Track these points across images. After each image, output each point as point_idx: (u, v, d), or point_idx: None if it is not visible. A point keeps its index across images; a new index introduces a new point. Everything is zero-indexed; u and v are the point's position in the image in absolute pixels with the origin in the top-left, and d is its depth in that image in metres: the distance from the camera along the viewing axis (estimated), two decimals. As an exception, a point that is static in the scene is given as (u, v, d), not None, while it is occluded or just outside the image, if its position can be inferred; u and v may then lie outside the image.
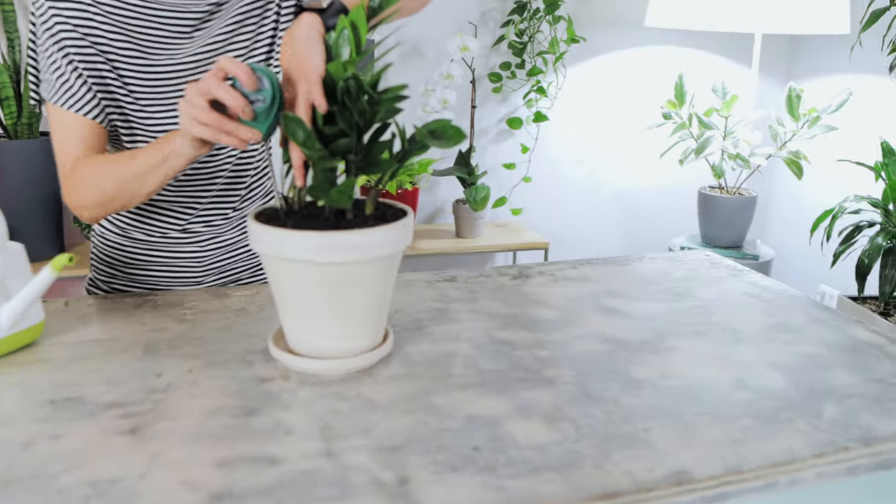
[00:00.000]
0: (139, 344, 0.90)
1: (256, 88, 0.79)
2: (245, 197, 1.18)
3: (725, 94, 2.42)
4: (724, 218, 2.58)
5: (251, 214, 0.81)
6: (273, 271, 0.80)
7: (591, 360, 0.89)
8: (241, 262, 1.20)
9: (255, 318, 0.99)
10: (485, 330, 0.97)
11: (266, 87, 0.80)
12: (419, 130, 0.76)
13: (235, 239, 1.18)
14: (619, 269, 1.24)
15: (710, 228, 2.62)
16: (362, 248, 0.76)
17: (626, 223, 2.99)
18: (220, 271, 1.18)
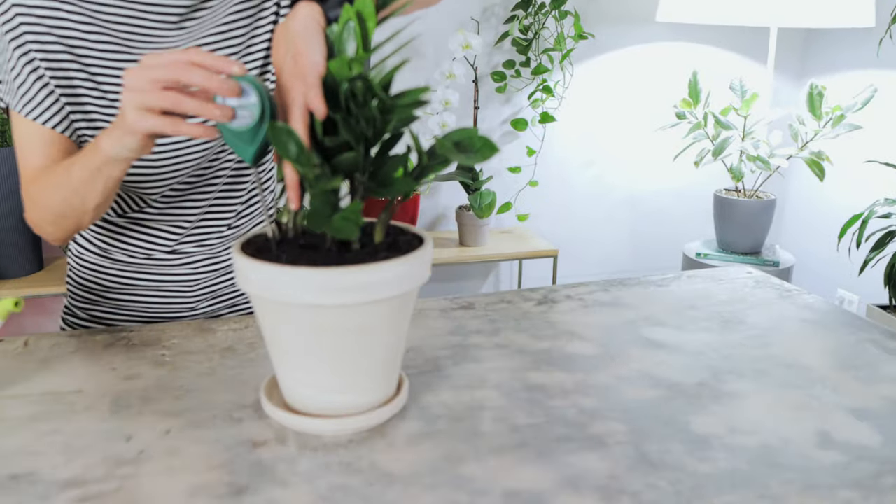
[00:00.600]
0: (107, 397, 0.76)
1: (237, 95, 0.65)
2: (242, 213, 1.04)
3: (744, 93, 2.28)
4: (741, 222, 2.45)
5: (236, 245, 0.67)
6: (264, 315, 0.66)
7: (644, 410, 0.75)
8: (237, 286, 1.06)
9: (243, 358, 0.85)
10: (513, 371, 0.83)
11: (253, 101, 0.65)
12: (441, 142, 0.62)
13: (231, 261, 1.05)
14: (656, 290, 1.10)
15: (727, 233, 2.49)
16: (373, 287, 0.62)
17: (638, 228, 2.85)
18: (214, 296, 1.05)
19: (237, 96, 0.65)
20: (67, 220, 0.85)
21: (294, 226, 0.69)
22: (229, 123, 0.67)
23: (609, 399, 0.77)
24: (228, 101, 0.66)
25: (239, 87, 0.65)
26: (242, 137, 0.66)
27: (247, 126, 0.66)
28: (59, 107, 0.87)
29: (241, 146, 0.67)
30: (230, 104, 0.66)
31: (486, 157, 0.62)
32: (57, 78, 0.86)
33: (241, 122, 0.66)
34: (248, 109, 0.66)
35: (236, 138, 0.67)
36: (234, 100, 0.66)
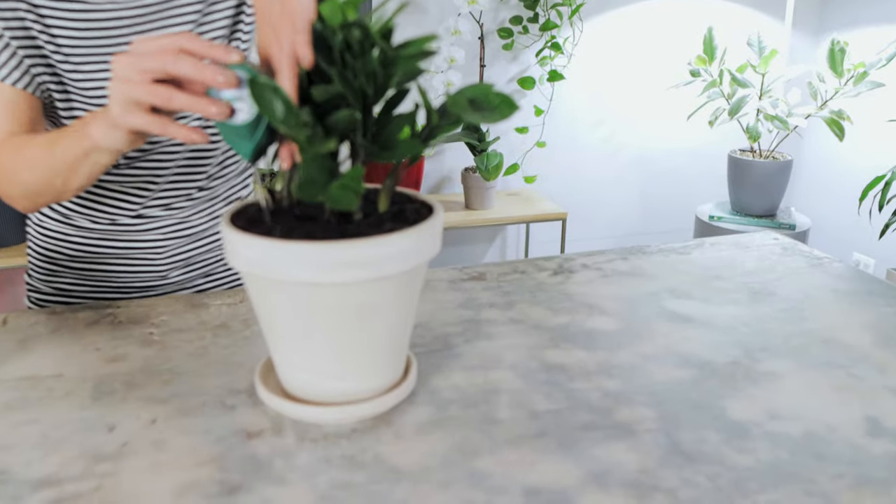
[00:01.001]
0: (89, 381, 0.70)
1: (233, 87, 0.57)
2: (215, 175, 0.97)
3: (762, 49, 2.19)
4: (756, 184, 2.37)
5: (225, 217, 0.60)
6: (257, 294, 0.60)
7: (674, 392, 0.69)
8: (212, 252, 1.01)
9: (237, 337, 0.78)
10: (530, 349, 0.77)
11: (247, 92, 0.58)
12: (454, 99, 0.54)
13: (204, 226, 0.98)
14: (678, 259, 1.03)
15: (742, 195, 2.41)
16: (378, 262, 0.55)
17: (649, 190, 2.77)
18: (185, 264, 0.98)
19: (234, 88, 0.57)
20: (42, 198, 0.78)
21: (289, 194, 0.62)
22: (224, 118, 0.59)
23: (635, 380, 0.71)
24: (223, 93, 0.58)
25: (235, 77, 0.57)
26: (239, 133, 0.59)
27: (244, 121, 0.58)
28: (20, 64, 0.79)
29: (238, 142, 0.59)
30: (225, 97, 0.59)
31: (505, 116, 0.55)
32: (16, 35, 0.78)
33: (238, 116, 0.58)
34: (246, 102, 0.58)
35: (232, 133, 0.59)
36: (230, 92, 0.58)
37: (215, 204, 0.99)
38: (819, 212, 2.74)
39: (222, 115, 0.58)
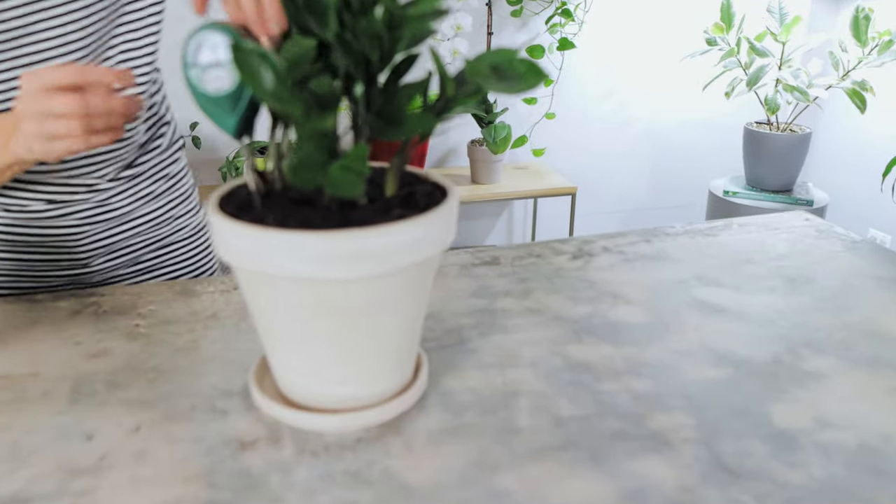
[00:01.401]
0: (67, 380, 0.63)
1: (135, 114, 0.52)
2: (149, 148, 0.89)
3: (784, 16, 2.09)
4: (773, 158, 2.29)
5: (213, 200, 0.53)
6: (250, 290, 0.53)
7: (712, 395, 0.62)
8: (139, 237, 0.90)
9: (230, 329, 0.72)
10: (551, 344, 0.70)
11: (227, 56, 0.50)
12: (474, 66, 0.47)
13: (127, 208, 0.88)
14: (705, 241, 0.96)
15: (758, 169, 2.33)
16: (386, 254, 0.49)
17: (660, 163, 2.69)
18: (109, 251, 0.88)
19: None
20: None
21: (281, 174, 0.55)
22: (203, 87, 0.52)
23: (668, 381, 0.64)
24: (200, 58, 0.51)
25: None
26: (220, 105, 0.51)
27: (224, 91, 0.51)
28: None
29: (219, 115, 0.52)
30: (202, 63, 0.51)
31: (531, 86, 0.48)
32: None
33: (215, 84, 0.51)
34: (226, 69, 0.51)
35: (212, 105, 0.52)
36: (207, 56, 0.51)
37: (139, 183, 0.88)
38: (835, 186, 2.66)
39: (124, 116, 0.58)
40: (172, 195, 0.92)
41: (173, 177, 0.93)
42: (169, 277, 0.93)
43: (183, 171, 0.95)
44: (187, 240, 0.95)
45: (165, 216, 0.92)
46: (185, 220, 0.94)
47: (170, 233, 0.93)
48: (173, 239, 0.93)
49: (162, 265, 0.93)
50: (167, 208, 0.92)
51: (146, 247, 0.91)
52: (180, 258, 0.95)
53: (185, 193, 0.95)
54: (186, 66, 0.50)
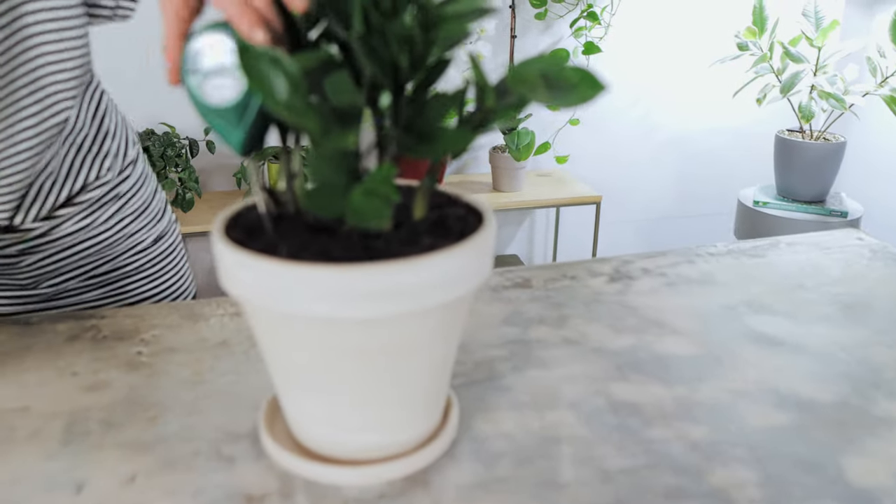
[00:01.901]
0: (60, 418, 0.57)
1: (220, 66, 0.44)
2: (86, 184, 0.79)
3: (820, 20, 2.01)
4: (806, 167, 2.21)
5: (218, 227, 0.47)
6: (260, 327, 0.47)
7: (777, 445, 0.55)
8: (96, 257, 0.82)
9: (240, 358, 0.66)
10: (592, 381, 0.63)
11: (234, 62, 0.43)
12: (519, 74, 0.41)
13: (77, 233, 0.79)
14: (750, 262, 0.89)
15: (789, 179, 2.25)
16: (417, 291, 0.42)
17: (687, 171, 2.62)
18: (62, 274, 0.81)
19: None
20: None
21: (293, 196, 0.49)
22: (204, 97, 0.45)
23: (727, 427, 0.57)
24: (201, 64, 0.44)
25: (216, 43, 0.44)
26: (224, 116, 0.44)
27: (229, 100, 0.44)
28: None
29: (224, 127, 0.45)
30: (203, 68, 0.44)
31: (587, 99, 0.41)
32: None
33: (218, 93, 0.44)
34: (231, 77, 0.44)
35: (216, 117, 0.45)
36: (210, 63, 0.44)
37: (78, 213, 0.79)
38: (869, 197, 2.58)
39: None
40: (123, 214, 0.83)
41: (123, 195, 0.82)
42: (128, 291, 0.85)
43: (136, 187, 0.84)
44: (144, 252, 0.85)
45: (117, 236, 0.82)
46: (141, 234, 0.84)
47: (124, 250, 0.83)
48: (128, 257, 0.84)
49: (117, 279, 0.84)
50: (118, 228, 0.82)
51: (98, 266, 0.82)
52: (139, 273, 0.85)
53: (140, 208, 0.84)
54: (185, 72, 0.44)
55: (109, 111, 0.83)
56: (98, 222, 0.81)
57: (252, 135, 0.45)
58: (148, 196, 0.86)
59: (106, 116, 0.82)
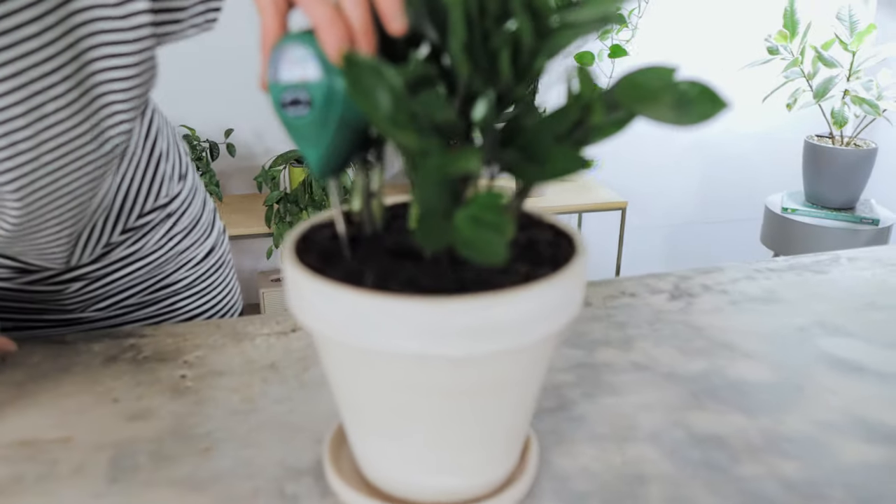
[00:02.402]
0: (105, 450, 0.53)
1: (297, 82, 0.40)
2: (154, 205, 0.76)
3: (854, 24, 1.97)
4: (836, 173, 2.16)
5: (288, 248, 0.43)
6: (335, 361, 0.43)
7: (876, 484, 0.51)
8: (145, 278, 0.78)
9: (293, 383, 0.62)
10: (670, 410, 0.59)
11: (313, 75, 0.39)
12: (630, 86, 0.37)
13: (126, 258, 0.76)
14: (814, 279, 0.85)
15: (819, 185, 2.20)
16: (518, 324, 0.38)
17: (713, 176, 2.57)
18: (109, 297, 0.77)
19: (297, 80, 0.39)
20: None
21: (370, 215, 0.45)
22: (282, 110, 0.41)
23: (821, 463, 0.53)
24: (280, 74, 0.40)
25: (295, 59, 0.39)
26: (301, 133, 0.40)
27: (305, 116, 0.40)
28: None
29: (302, 145, 0.41)
30: (282, 80, 0.40)
31: (707, 117, 0.37)
32: None
33: (295, 108, 0.40)
34: (306, 90, 0.40)
35: (294, 133, 0.41)
36: (287, 71, 0.40)
37: (130, 238, 0.75)
38: None
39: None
40: (175, 232, 0.78)
41: (174, 213, 0.78)
42: (177, 309, 0.81)
43: (186, 202, 0.80)
44: (195, 268, 0.80)
45: (168, 255, 0.78)
46: (192, 250, 0.80)
47: (175, 268, 0.79)
48: (179, 274, 0.79)
49: (166, 297, 0.80)
50: (169, 246, 0.78)
51: (148, 287, 0.78)
52: (189, 290, 0.81)
53: (191, 224, 0.80)
54: (269, 83, 0.40)
55: (161, 129, 0.77)
56: (149, 244, 0.76)
57: (331, 155, 0.41)
58: (198, 210, 0.81)
59: (159, 136, 0.76)
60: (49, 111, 0.55)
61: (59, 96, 0.55)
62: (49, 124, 0.56)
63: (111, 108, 0.60)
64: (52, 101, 0.55)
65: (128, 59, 0.58)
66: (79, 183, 0.62)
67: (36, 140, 0.56)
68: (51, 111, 0.55)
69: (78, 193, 0.63)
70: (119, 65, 0.58)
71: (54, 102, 0.55)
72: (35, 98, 0.54)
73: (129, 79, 0.59)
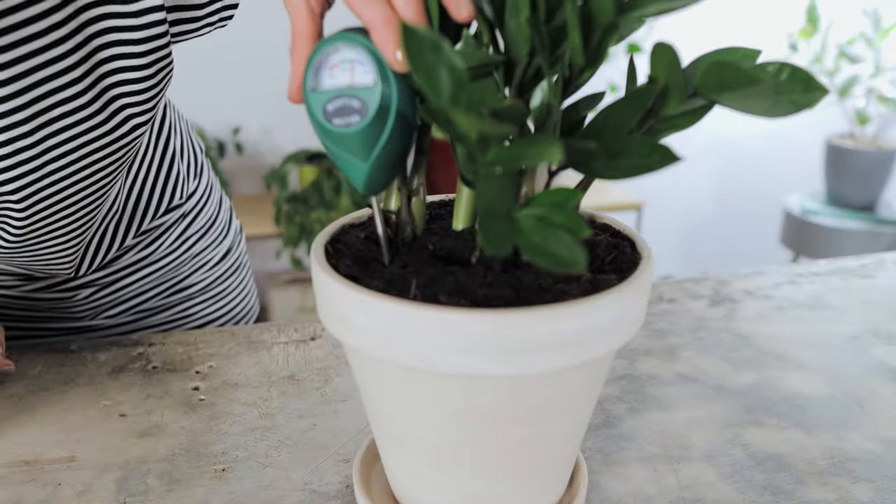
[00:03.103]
0: (113, 470, 0.49)
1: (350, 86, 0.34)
2: (167, 207, 0.71)
3: (879, 20, 1.92)
4: (858, 174, 2.11)
5: (319, 253, 0.38)
6: (375, 381, 0.38)
7: (965, 514, 0.46)
8: (158, 282, 0.73)
9: (314, 398, 0.57)
10: (723, 427, 0.55)
11: (367, 80, 0.34)
12: (714, 72, 0.32)
13: (139, 262, 0.71)
14: (861, 284, 0.80)
15: (840, 186, 2.15)
16: (585, 339, 0.34)
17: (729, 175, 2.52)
18: (120, 304, 0.72)
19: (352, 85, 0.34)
20: None
21: (410, 216, 0.40)
22: (325, 120, 0.35)
23: (891, 486, 0.49)
24: (322, 80, 0.35)
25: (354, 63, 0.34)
26: (348, 146, 0.35)
27: (352, 128, 0.35)
28: None
29: (347, 160, 0.36)
30: (325, 87, 0.35)
31: (801, 107, 0.32)
32: None
33: (342, 117, 0.35)
34: (357, 97, 0.34)
35: (338, 146, 0.35)
36: (330, 76, 0.35)
37: (144, 240, 0.70)
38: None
39: None
40: (189, 233, 0.73)
41: (188, 214, 0.73)
42: (191, 315, 0.76)
43: (202, 201, 0.74)
44: (210, 271, 0.75)
45: (182, 257, 0.73)
46: (207, 252, 0.75)
47: (189, 272, 0.74)
48: (193, 278, 0.75)
49: (180, 301, 0.75)
50: (183, 249, 0.73)
51: (160, 292, 0.73)
52: (205, 294, 0.76)
53: (206, 224, 0.75)
54: (307, 89, 0.35)
55: (175, 125, 0.72)
56: (163, 247, 0.71)
57: (380, 169, 0.36)
58: (214, 209, 0.76)
59: (172, 134, 0.71)
60: (55, 115, 0.51)
61: (66, 100, 0.51)
62: (55, 129, 0.51)
63: (124, 111, 0.55)
64: (60, 105, 0.51)
65: (141, 59, 0.53)
66: (87, 191, 0.57)
67: (41, 147, 0.51)
68: (57, 115, 0.51)
69: (86, 201, 0.58)
70: (132, 65, 0.53)
71: (61, 106, 0.51)
72: (40, 102, 0.50)
73: (143, 80, 0.54)
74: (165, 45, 0.54)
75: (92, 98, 0.52)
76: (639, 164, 0.31)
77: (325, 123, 0.35)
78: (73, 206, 0.57)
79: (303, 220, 1.95)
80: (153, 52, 0.53)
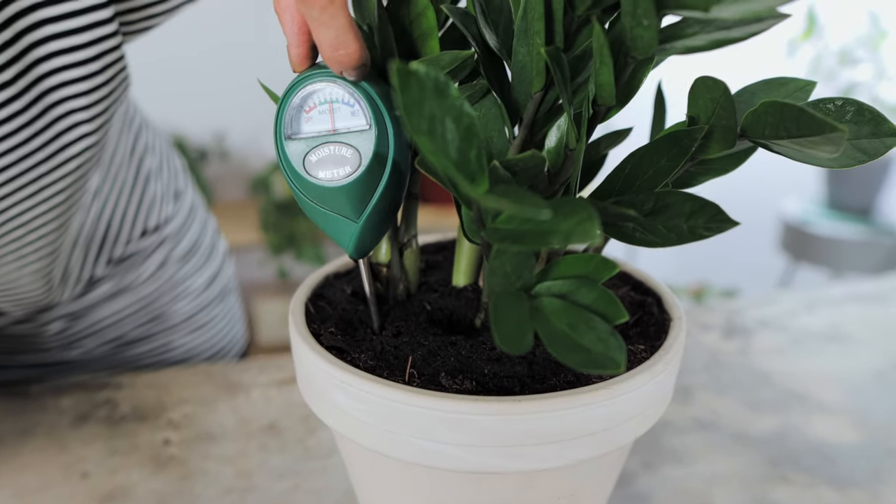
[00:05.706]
0: (67, 545, 0.43)
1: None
2: (136, 234, 0.65)
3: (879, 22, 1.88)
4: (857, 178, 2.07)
5: (298, 317, 0.33)
6: (364, 473, 0.33)
7: None
8: (134, 316, 0.66)
9: (296, 451, 0.52)
10: (747, 483, 0.50)
11: (360, 123, 0.28)
12: (768, 111, 0.27)
13: (115, 293, 0.65)
14: (880, 311, 0.76)
15: (839, 191, 2.12)
16: (610, 426, 0.28)
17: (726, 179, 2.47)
18: (91, 336, 0.65)
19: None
20: None
21: (403, 271, 0.35)
22: (306, 174, 0.30)
23: (944, 561, 0.44)
24: (302, 126, 0.29)
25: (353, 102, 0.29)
26: (335, 202, 0.30)
27: (343, 182, 0.29)
28: None
29: (334, 221, 0.30)
30: (305, 133, 0.29)
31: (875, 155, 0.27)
32: None
33: (328, 170, 0.29)
34: (347, 143, 0.29)
35: (322, 202, 0.30)
36: (312, 121, 0.29)
37: (118, 271, 0.64)
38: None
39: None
40: (170, 259, 0.67)
41: (170, 239, 0.67)
42: (171, 349, 0.69)
43: (185, 223, 0.68)
44: (193, 300, 0.69)
45: (162, 287, 0.67)
46: (191, 281, 0.68)
47: (168, 300, 0.67)
48: (174, 308, 0.68)
49: (159, 333, 0.68)
50: (164, 277, 0.67)
51: (138, 325, 0.67)
52: (186, 326, 0.69)
53: (189, 249, 0.69)
54: (280, 137, 0.29)
55: (151, 144, 0.66)
56: (142, 276, 0.65)
57: (373, 225, 0.30)
58: (197, 232, 0.69)
59: (147, 154, 0.65)
60: None
61: None
62: None
63: (69, 118, 0.48)
64: None
65: (83, 52, 0.45)
66: (36, 212, 0.50)
67: None
68: None
69: (39, 225, 0.52)
70: (73, 62, 0.45)
71: None
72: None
73: (88, 78, 0.46)
74: (112, 35, 0.46)
75: (25, 105, 0.45)
76: (682, 228, 0.25)
77: (307, 178, 0.29)
78: (25, 232, 0.51)
79: (288, 229, 1.89)
80: (97, 43, 0.46)
